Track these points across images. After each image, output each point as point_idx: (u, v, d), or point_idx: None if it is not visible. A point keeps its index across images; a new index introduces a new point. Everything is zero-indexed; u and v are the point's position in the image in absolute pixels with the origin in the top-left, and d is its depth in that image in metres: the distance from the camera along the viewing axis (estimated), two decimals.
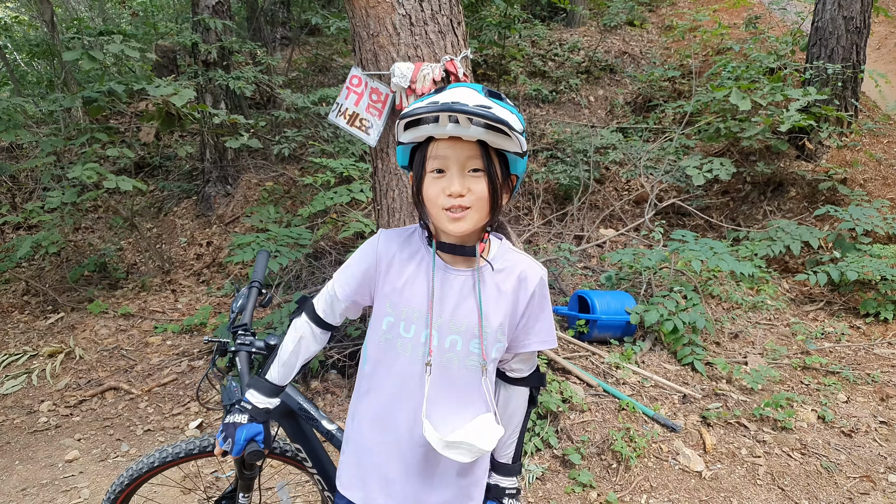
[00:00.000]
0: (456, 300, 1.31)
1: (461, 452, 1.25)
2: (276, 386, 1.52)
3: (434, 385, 1.31)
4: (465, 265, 1.34)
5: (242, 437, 1.46)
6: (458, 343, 1.31)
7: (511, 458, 1.50)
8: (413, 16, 2.50)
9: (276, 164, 6.67)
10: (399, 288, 1.34)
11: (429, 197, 1.24)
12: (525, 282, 1.33)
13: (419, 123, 1.20)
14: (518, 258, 1.36)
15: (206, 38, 6.06)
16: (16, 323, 5.01)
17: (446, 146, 1.20)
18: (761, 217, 5.71)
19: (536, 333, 1.38)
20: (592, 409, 3.30)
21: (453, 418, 1.33)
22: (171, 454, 1.82)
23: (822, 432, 3.21)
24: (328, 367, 3.78)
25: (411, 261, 1.36)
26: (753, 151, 5.95)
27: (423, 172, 1.25)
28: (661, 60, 8.38)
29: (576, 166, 6.06)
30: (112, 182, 4.36)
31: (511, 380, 1.45)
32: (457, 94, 1.18)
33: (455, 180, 1.20)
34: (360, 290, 1.43)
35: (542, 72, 8.26)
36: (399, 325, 1.33)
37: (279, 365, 1.52)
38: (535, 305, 1.35)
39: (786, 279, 5.00)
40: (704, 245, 4.03)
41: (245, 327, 1.76)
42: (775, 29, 8.28)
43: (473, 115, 1.12)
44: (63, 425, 3.62)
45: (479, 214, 1.23)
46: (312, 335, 1.51)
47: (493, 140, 1.18)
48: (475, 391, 1.34)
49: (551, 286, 4.75)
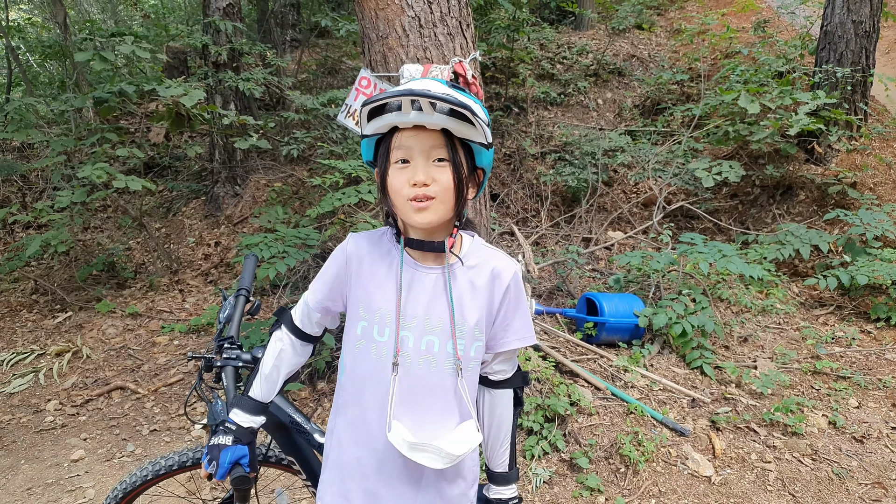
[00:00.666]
0: (428, 299, 1.28)
1: (429, 457, 1.20)
2: (260, 403, 1.48)
3: (405, 387, 1.26)
4: (436, 262, 1.30)
5: (227, 461, 1.41)
6: (436, 344, 1.27)
7: (507, 465, 1.47)
8: (422, 18, 2.50)
9: (285, 165, 6.68)
10: (371, 290, 1.31)
11: (393, 188, 1.21)
12: (499, 277, 1.30)
13: (382, 112, 1.17)
14: (491, 254, 1.34)
15: (217, 40, 6.09)
16: (24, 322, 5.03)
17: (410, 135, 1.18)
18: (770, 221, 5.68)
19: (514, 331, 1.34)
20: (600, 412, 3.29)
21: (429, 424, 1.28)
22: (163, 466, 1.79)
23: (834, 438, 3.18)
24: (334, 369, 3.77)
25: (382, 262, 1.32)
26: (762, 155, 5.92)
27: (387, 164, 1.22)
28: (670, 64, 8.35)
29: (584, 168, 6.05)
30: (121, 182, 4.37)
31: (494, 383, 1.41)
32: (420, 83, 1.18)
33: (419, 169, 1.18)
34: (332, 296, 1.39)
35: (550, 74, 8.25)
36: (373, 328, 1.29)
37: (261, 380, 1.48)
38: (511, 301, 1.32)
39: (795, 283, 4.97)
40: (713, 248, 4.01)
41: (231, 340, 1.70)
42: (784, 33, 8.24)
43: (436, 99, 1.10)
44: (69, 424, 3.63)
45: (444, 206, 1.20)
46: (293, 347, 1.48)
47: (458, 129, 1.16)
48: (450, 395, 1.29)
49: (559, 288, 4.74)
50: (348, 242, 1.37)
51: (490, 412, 1.42)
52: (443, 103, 1.11)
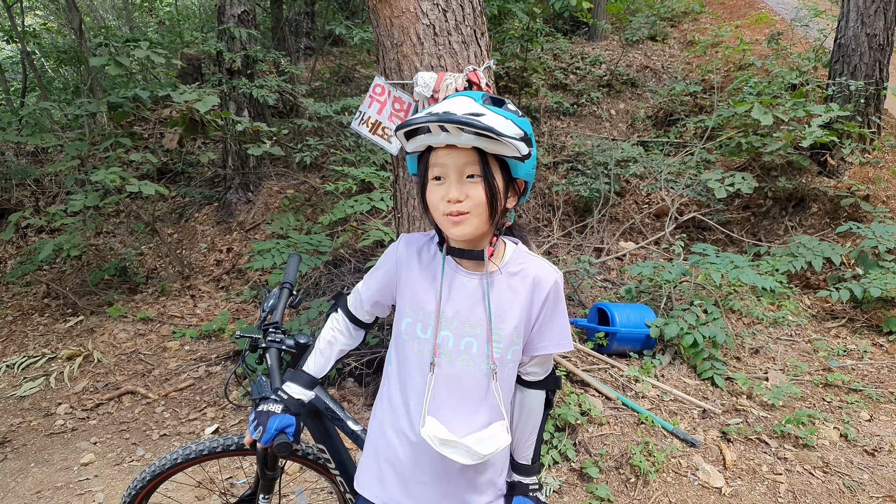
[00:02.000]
0: (470, 303, 1.35)
1: (458, 453, 1.27)
2: (312, 378, 1.57)
3: (440, 385, 1.34)
4: (476, 269, 1.37)
5: (274, 427, 1.47)
6: (474, 345, 1.34)
7: (530, 458, 1.53)
8: (437, 26, 2.51)
9: (298, 172, 6.72)
10: (417, 290, 1.40)
11: (431, 203, 1.29)
12: (539, 285, 1.36)
13: (417, 133, 1.25)
14: (533, 261, 1.39)
15: (231, 47, 6.14)
16: (35, 325, 5.07)
17: (444, 154, 1.25)
18: (782, 233, 5.64)
19: (551, 337, 1.40)
20: (611, 422, 3.27)
21: (463, 421, 1.35)
22: (195, 451, 1.84)
23: (845, 451, 3.15)
24: (345, 375, 3.78)
25: (430, 264, 1.41)
26: (775, 167, 5.89)
27: (426, 180, 1.30)
28: (683, 75, 8.35)
29: (596, 179, 6.04)
30: (135, 186, 4.41)
31: (527, 383, 1.47)
32: (450, 104, 1.23)
33: (453, 187, 1.24)
34: (382, 292, 1.50)
35: (563, 85, 8.27)
36: (416, 325, 1.38)
37: (316, 355, 1.58)
38: (549, 308, 1.38)
39: (807, 295, 4.93)
40: (725, 259, 3.99)
41: (276, 325, 1.80)
42: (798, 45, 8.23)
43: (461, 124, 1.15)
44: (79, 428, 3.64)
45: (478, 219, 1.26)
46: (347, 329, 1.60)
47: (488, 146, 1.21)
48: (485, 395, 1.35)
49: (571, 298, 4.72)
50: (399, 243, 1.47)
51: (520, 408, 1.48)
52: (467, 126, 1.16)
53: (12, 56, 10.93)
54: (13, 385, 4.16)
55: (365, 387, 3.72)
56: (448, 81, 2.45)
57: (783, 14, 10.05)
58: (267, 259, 3.97)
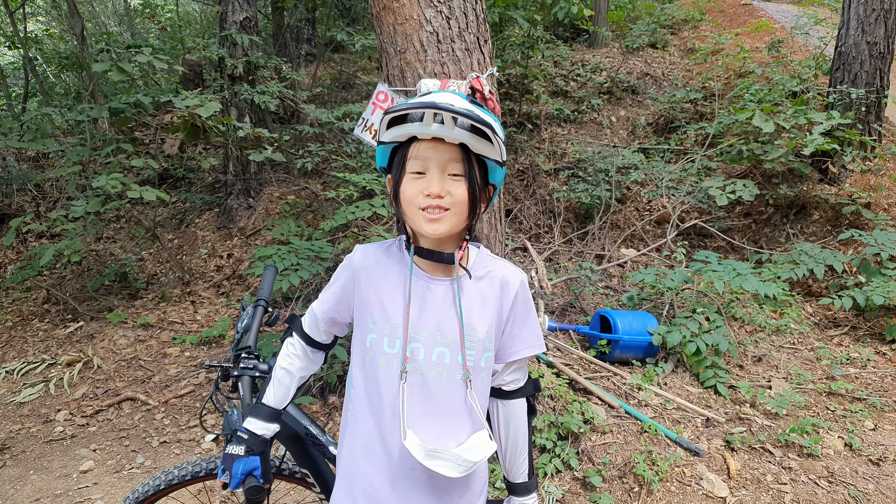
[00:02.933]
0: (439, 310, 1.29)
1: (446, 465, 1.20)
2: (274, 410, 1.48)
3: (414, 399, 1.27)
4: (445, 274, 1.31)
5: (239, 472, 1.42)
6: (447, 355, 1.28)
7: (526, 474, 1.47)
8: (440, 33, 2.51)
9: (299, 178, 6.71)
10: (379, 302, 1.31)
11: (406, 197, 1.22)
12: (506, 286, 1.32)
13: (403, 121, 1.19)
14: (497, 264, 1.35)
15: (233, 53, 6.15)
16: (35, 331, 5.05)
17: (428, 147, 1.19)
18: (784, 240, 5.64)
19: (523, 339, 1.35)
20: (614, 430, 3.25)
21: (442, 435, 1.28)
22: (176, 476, 1.78)
23: (850, 460, 3.13)
24: None
25: (390, 273, 1.33)
26: (776, 174, 5.89)
27: (402, 173, 1.23)
28: (684, 82, 8.37)
29: (597, 185, 6.04)
30: (136, 192, 4.40)
31: (507, 393, 1.41)
32: (443, 96, 1.20)
33: (434, 181, 1.19)
34: (339, 307, 1.40)
35: (564, 92, 8.29)
36: (382, 340, 1.29)
37: (274, 385, 1.48)
38: (520, 310, 1.34)
39: (809, 303, 4.92)
40: (728, 266, 3.98)
41: (248, 350, 1.70)
42: (798, 53, 8.25)
43: (459, 114, 1.11)
44: (79, 435, 3.62)
45: (456, 218, 1.22)
46: (304, 354, 1.49)
47: (475, 145, 1.18)
48: (461, 406, 1.29)
49: (572, 305, 4.71)
50: (355, 254, 1.38)
51: (505, 423, 1.43)
52: (465, 119, 1.13)
53: (14, 62, 10.95)
54: (12, 391, 4.13)
55: None
56: (452, 88, 2.45)
57: (783, 22, 10.09)
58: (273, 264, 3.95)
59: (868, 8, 5.88)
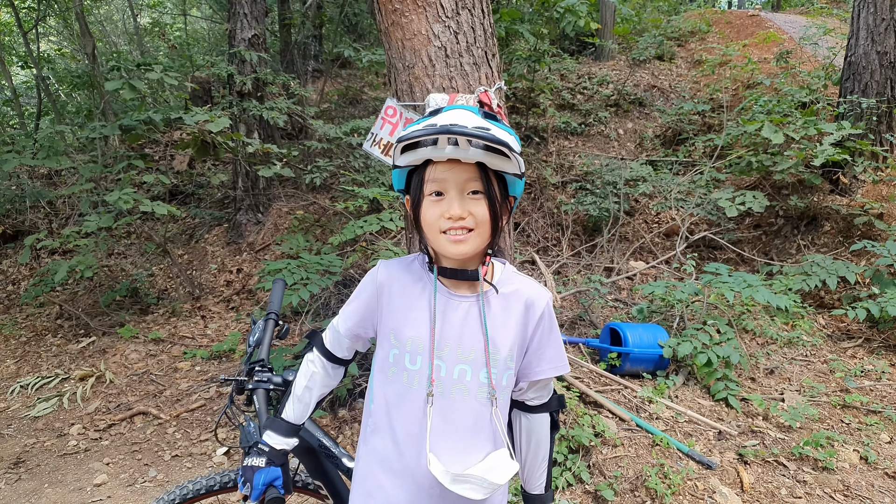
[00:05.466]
0: (461, 328, 1.27)
1: (471, 488, 1.18)
2: (292, 425, 1.49)
3: (439, 417, 1.25)
4: (469, 290, 1.29)
5: (261, 482, 1.43)
6: (468, 373, 1.26)
7: (543, 487, 1.46)
8: (448, 48, 2.52)
9: (307, 193, 6.75)
10: (402, 318, 1.30)
11: (427, 221, 1.21)
12: (532, 307, 1.30)
13: (417, 146, 1.17)
14: (523, 281, 1.33)
15: (242, 70, 6.21)
16: (49, 346, 5.09)
17: (444, 169, 1.18)
18: (795, 251, 5.61)
19: (549, 360, 1.33)
20: (625, 443, 3.22)
21: (463, 453, 1.26)
22: (191, 491, 1.78)
23: (866, 473, 3.09)
24: (356, 396, 3.75)
25: (413, 289, 1.31)
26: (786, 185, 5.87)
27: (420, 196, 1.22)
28: (691, 94, 8.38)
29: (605, 198, 6.04)
30: (148, 206, 4.44)
31: (530, 408, 1.40)
32: (454, 115, 1.16)
33: (455, 203, 1.17)
34: (363, 324, 1.39)
35: (570, 105, 8.32)
36: (404, 357, 1.28)
37: (294, 402, 1.49)
38: (545, 330, 1.31)
39: (821, 315, 4.88)
40: (738, 278, 3.95)
41: (262, 363, 1.71)
42: (807, 63, 8.24)
43: (473, 136, 1.10)
44: (92, 449, 3.64)
45: (480, 238, 1.21)
46: (324, 370, 1.48)
47: (492, 162, 1.16)
48: (485, 424, 1.27)
49: (582, 318, 4.70)
50: (379, 270, 1.37)
51: (527, 436, 1.41)
52: (479, 139, 1.11)
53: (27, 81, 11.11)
54: (27, 405, 4.17)
55: None
56: (460, 103, 2.47)
57: (791, 33, 10.09)
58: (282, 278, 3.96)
59: (878, 17, 5.88)
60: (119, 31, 13.21)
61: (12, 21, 8.78)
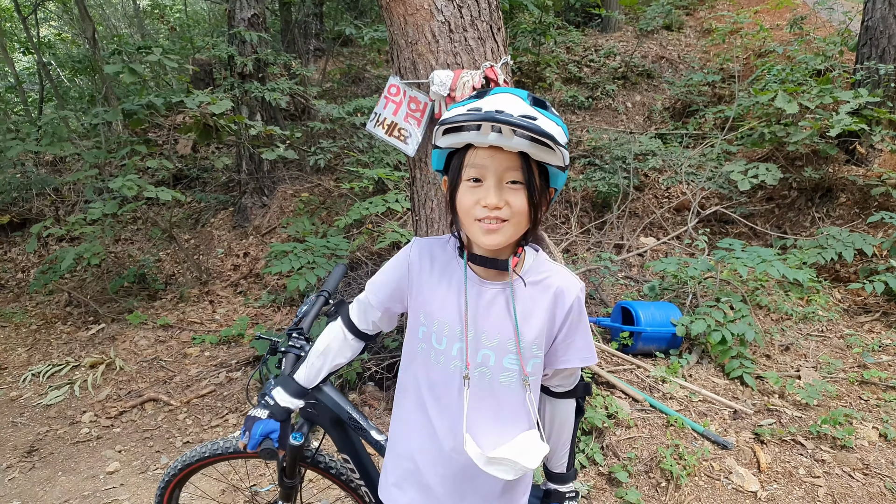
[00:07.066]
0: (488, 314, 1.28)
1: (504, 469, 1.20)
2: (301, 387, 1.54)
3: (472, 399, 1.27)
4: (498, 277, 1.29)
5: (258, 432, 1.48)
6: (491, 358, 1.27)
7: (566, 466, 1.50)
8: (452, 22, 2.45)
9: (312, 175, 6.69)
10: (431, 299, 1.32)
11: (463, 206, 1.19)
12: (562, 296, 1.29)
13: (459, 130, 1.14)
14: (554, 270, 1.32)
15: (242, 51, 6.12)
16: (59, 334, 5.09)
17: (485, 155, 1.14)
18: (809, 224, 5.50)
19: (577, 350, 1.33)
20: (639, 424, 3.18)
21: (493, 434, 1.29)
22: (221, 448, 1.88)
23: (885, 451, 3.04)
24: (366, 380, 3.73)
25: (445, 272, 1.32)
26: (800, 156, 5.74)
27: (458, 180, 1.20)
28: (701, 65, 8.20)
29: (614, 173, 5.94)
30: (152, 192, 4.40)
31: (556, 394, 1.43)
32: (501, 101, 1.12)
33: (492, 191, 1.15)
34: (394, 297, 1.41)
35: (577, 78, 8.17)
36: (431, 336, 1.31)
37: (307, 365, 1.54)
38: (574, 321, 1.31)
39: (837, 289, 4.79)
40: (752, 253, 3.87)
41: (300, 331, 1.77)
42: (822, 30, 8.02)
43: (518, 126, 1.06)
44: (104, 436, 3.65)
45: (514, 229, 1.18)
46: (345, 340, 1.52)
47: (535, 152, 1.13)
48: (517, 406, 1.30)
49: (592, 296, 4.64)
50: (412, 248, 1.38)
51: (551, 419, 1.45)
52: (524, 130, 1.08)
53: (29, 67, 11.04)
54: (39, 394, 4.18)
55: (385, 391, 3.67)
56: (465, 79, 2.39)
57: None
58: (284, 264, 3.94)
59: None
60: (119, 14, 13.07)
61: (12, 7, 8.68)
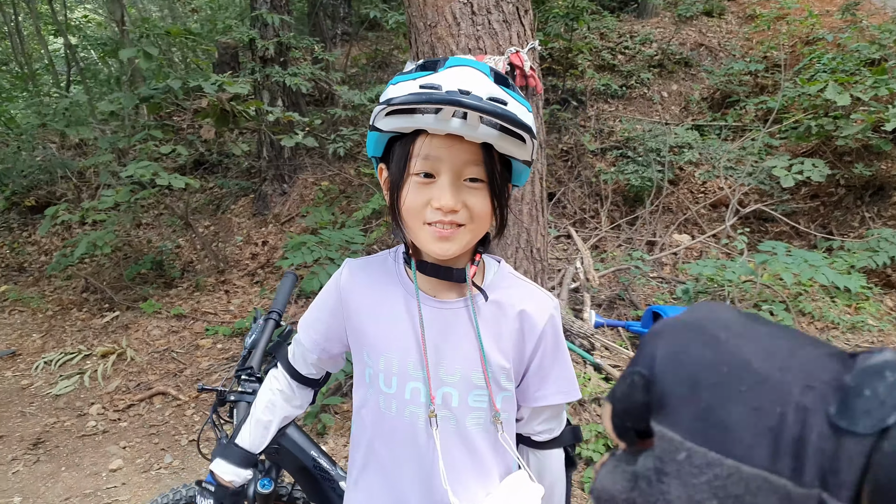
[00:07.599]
0: (445, 341, 1.01)
1: None
2: (247, 453, 1.24)
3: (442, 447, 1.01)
4: (455, 294, 1.03)
5: None
6: (454, 397, 1.01)
7: None
8: (475, 3, 2.24)
9: (333, 163, 6.53)
10: (372, 331, 1.05)
11: (409, 207, 0.93)
12: (531, 319, 1.03)
13: (411, 113, 0.86)
14: (521, 287, 1.07)
15: (264, 34, 5.96)
16: (74, 320, 5.04)
17: (440, 145, 0.89)
18: (858, 224, 5.16)
19: (554, 381, 1.06)
20: None
21: (473, 486, 1.04)
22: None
23: None
24: None
25: (386, 294, 1.06)
26: (849, 151, 5.39)
27: (404, 174, 0.93)
28: (742, 53, 7.81)
29: (648, 166, 5.67)
30: (164, 180, 4.29)
31: (539, 444, 1.14)
32: (463, 77, 0.86)
33: (447, 191, 0.90)
34: (329, 337, 1.14)
35: (611, 66, 7.86)
36: (378, 377, 1.04)
37: (251, 426, 1.24)
38: (549, 348, 1.05)
39: (889, 296, 4.47)
40: (798, 258, 3.59)
41: (250, 371, 1.48)
42: (876, 17, 7.57)
43: (488, 113, 0.81)
44: (110, 430, 3.59)
45: (472, 235, 0.95)
46: (290, 390, 1.23)
47: (502, 144, 0.88)
48: (493, 450, 1.05)
49: (621, 297, 4.39)
50: (342, 272, 1.11)
51: (538, 477, 1.14)
52: (495, 118, 0.83)
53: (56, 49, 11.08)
54: (49, 383, 4.14)
55: None
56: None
57: None
58: (297, 257, 3.80)
59: None
60: None
61: None
